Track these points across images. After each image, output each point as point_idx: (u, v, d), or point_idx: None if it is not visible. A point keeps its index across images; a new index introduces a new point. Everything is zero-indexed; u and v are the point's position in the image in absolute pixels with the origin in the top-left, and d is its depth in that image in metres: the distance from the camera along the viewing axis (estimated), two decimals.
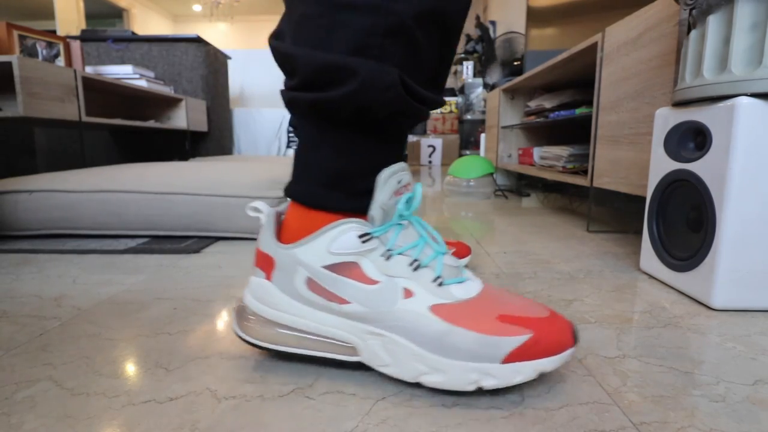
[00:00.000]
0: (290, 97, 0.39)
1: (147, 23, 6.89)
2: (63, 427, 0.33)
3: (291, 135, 2.74)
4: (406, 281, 0.37)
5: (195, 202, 0.95)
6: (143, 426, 0.33)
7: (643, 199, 1.03)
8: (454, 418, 0.34)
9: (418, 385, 0.38)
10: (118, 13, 3.75)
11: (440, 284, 0.38)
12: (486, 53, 2.79)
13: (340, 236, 0.37)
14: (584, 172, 1.22)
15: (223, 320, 0.52)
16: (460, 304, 0.37)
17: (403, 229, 0.39)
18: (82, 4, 3.41)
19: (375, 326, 0.38)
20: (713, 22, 0.55)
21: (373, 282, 0.37)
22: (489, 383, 0.35)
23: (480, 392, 0.37)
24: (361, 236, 0.37)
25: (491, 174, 1.84)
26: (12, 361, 0.43)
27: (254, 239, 0.97)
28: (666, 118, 0.65)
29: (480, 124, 3.64)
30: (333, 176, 0.39)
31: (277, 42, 0.39)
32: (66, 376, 0.40)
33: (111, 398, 0.36)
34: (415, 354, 0.36)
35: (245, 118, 3.08)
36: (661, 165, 0.66)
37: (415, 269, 0.38)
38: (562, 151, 1.37)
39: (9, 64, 1.26)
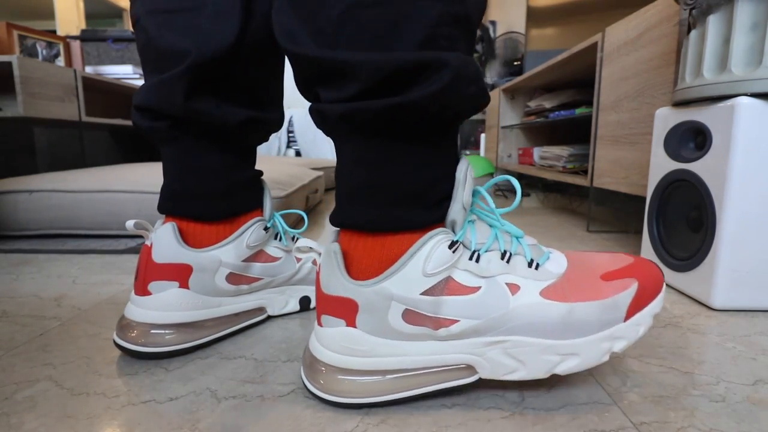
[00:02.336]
0: (345, 110, 0.32)
1: None
2: (63, 427, 0.33)
3: (291, 135, 2.74)
4: (506, 276, 0.34)
5: None
6: (143, 426, 0.33)
7: (643, 199, 1.03)
8: (454, 418, 0.34)
9: None
10: (118, 13, 3.74)
11: (536, 267, 0.35)
12: (486, 53, 2.79)
13: (433, 253, 0.33)
14: (584, 172, 1.22)
15: None
16: (561, 279, 0.35)
17: (475, 223, 0.36)
18: (82, 4, 3.41)
19: (493, 335, 0.34)
20: (713, 22, 0.55)
21: (474, 290, 0.34)
22: (620, 346, 0.34)
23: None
24: (450, 246, 0.33)
25: (491, 174, 1.85)
26: (12, 361, 0.43)
27: None
28: (666, 118, 0.65)
29: (480, 124, 3.64)
30: (410, 192, 0.34)
31: (310, 47, 0.32)
32: (66, 376, 0.40)
33: (111, 398, 0.36)
34: (544, 347, 0.34)
35: None
36: (661, 165, 0.66)
37: (508, 261, 0.35)
38: (562, 151, 1.37)
39: (9, 64, 1.26)
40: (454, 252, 0.33)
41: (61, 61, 1.81)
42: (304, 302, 0.55)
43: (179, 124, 0.44)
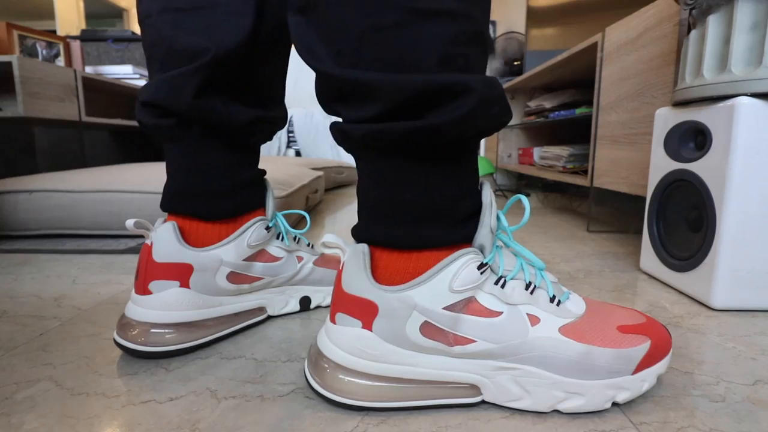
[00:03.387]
0: (368, 132, 0.32)
1: None
2: (63, 427, 0.33)
3: (291, 135, 2.74)
4: (528, 307, 0.35)
5: None
6: (143, 426, 0.33)
7: (643, 199, 1.03)
8: (454, 418, 0.34)
9: None
10: (118, 13, 3.74)
11: (558, 303, 0.36)
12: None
13: (462, 271, 0.33)
14: (584, 172, 1.22)
15: None
16: (580, 320, 0.36)
17: (502, 250, 0.36)
18: (82, 4, 3.41)
19: (506, 361, 0.34)
20: (713, 22, 0.55)
21: (497, 314, 0.34)
22: (623, 397, 0.35)
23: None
24: (479, 267, 0.34)
25: (491, 174, 1.85)
26: (12, 361, 0.43)
27: None
28: (666, 118, 0.65)
29: None
30: (433, 211, 0.34)
31: (331, 66, 0.32)
32: (66, 376, 0.40)
33: (111, 398, 0.36)
34: (553, 382, 0.34)
35: None
36: (661, 165, 0.66)
37: (532, 292, 0.35)
38: (562, 151, 1.37)
39: (9, 64, 1.26)
40: (482, 273, 0.34)
41: (61, 61, 1.81)
42: (305, 302, 0.55)
43: (185, 121, 0.43)
